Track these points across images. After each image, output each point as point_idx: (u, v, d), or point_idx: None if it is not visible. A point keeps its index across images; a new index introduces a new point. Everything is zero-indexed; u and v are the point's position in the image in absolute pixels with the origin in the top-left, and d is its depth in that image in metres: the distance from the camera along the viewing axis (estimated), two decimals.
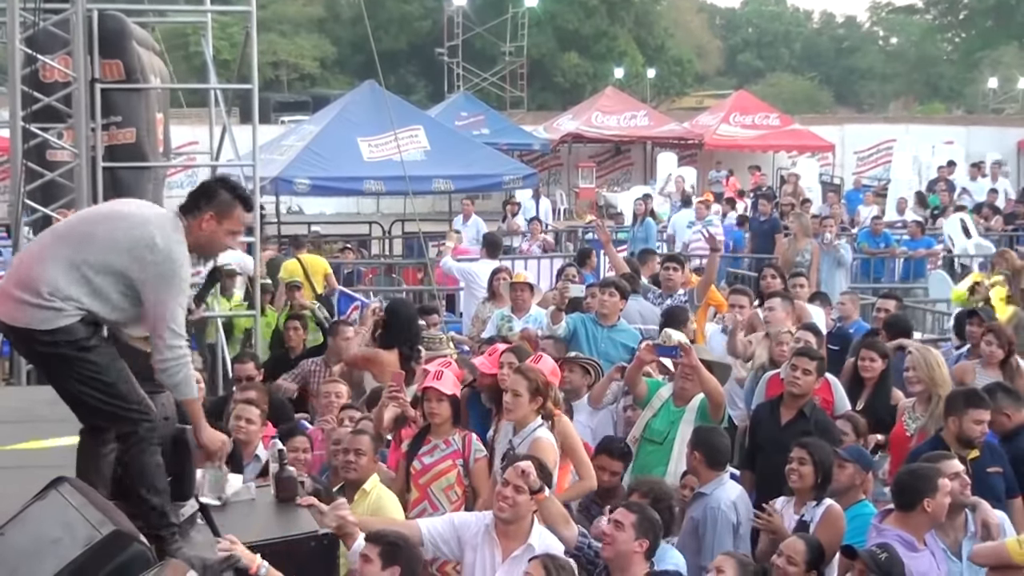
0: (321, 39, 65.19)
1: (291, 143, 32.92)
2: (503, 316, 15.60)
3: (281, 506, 9.06)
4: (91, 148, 15.90)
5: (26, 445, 9.47)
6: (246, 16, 17.51)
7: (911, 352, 11.92)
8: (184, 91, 19.23)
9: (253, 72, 17.46)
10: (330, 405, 12.00)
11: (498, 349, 11.86)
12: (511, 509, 8.61)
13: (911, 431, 11.24)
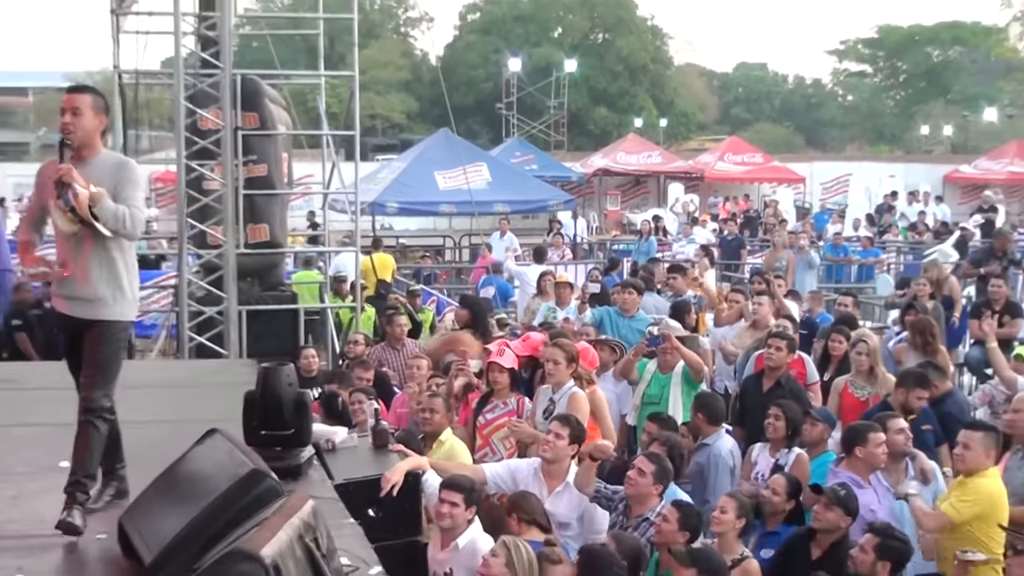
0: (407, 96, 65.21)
1: (384, 176, 33.06)
2: (549, 308, 15.75)
3: (377, 451, 9.20)
4: (235, 180, 15.99)
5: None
6: (350, 79, 17.54)
7: (864, 339, 11.90)
8: (303, 136, 19.20)
9: (355, 121, 17.47)
10: (413, 375, 12.04)
11: (530, 336, 12.01)
12: (553, 451, 8.68)
13: (863, 397, 11.24)
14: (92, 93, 6.85)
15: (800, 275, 21.01)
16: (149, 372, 14.79)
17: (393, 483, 8.17)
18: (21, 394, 11.23)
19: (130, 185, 6.68)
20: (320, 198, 19.29)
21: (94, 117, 6.72)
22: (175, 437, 7.31)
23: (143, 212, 6.76)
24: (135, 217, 6.56)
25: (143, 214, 6.75)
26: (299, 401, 8.35)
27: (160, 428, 8.60)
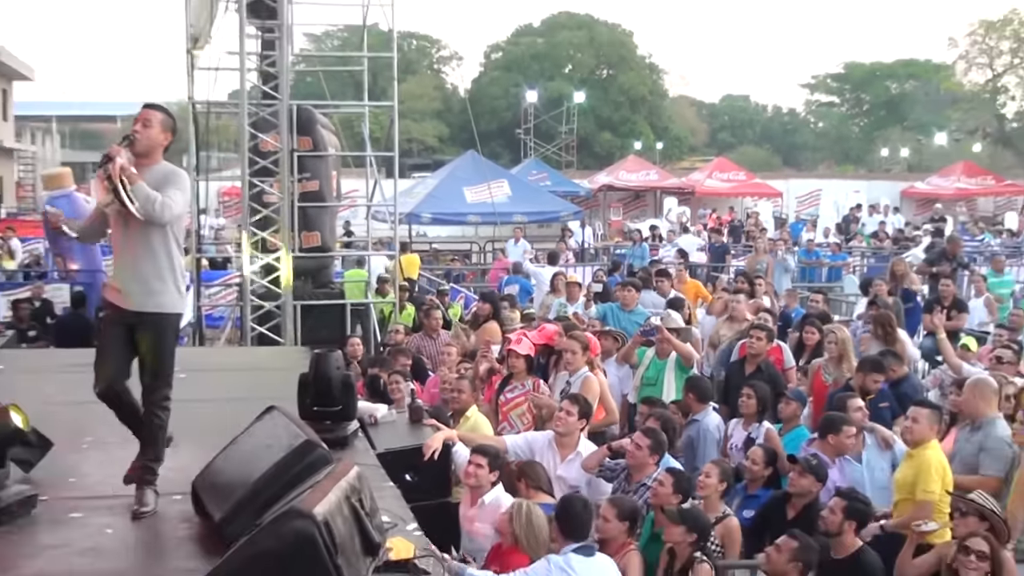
0: (439, 123, 65.29)
1: (418, 190, 33.11)
2: (561, 303, 15.85)
3: (412, 425, 9.25)
4: (291, 194, 16.01)
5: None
6: (390, 108, 17.56)
7: (834, 330, 11.92)
8: (350, 156, 19.20)
9: (394, 144, 17.50)
10: (444, 360, 12.08)
11: (545, 327, 12.16)
12: (565, 426, 8.74)
13: (828, 380, 11.25)
14: (164, 112, 6.77)
15: (778, 276, 21.03)
16: (217, 357, 14.84)
17: (434, 449, 8.40)
18: None
19: (173, 186, 6.52)
20: (363, 210, 19.29)
21: (160, 132, 6.64)
22: (239, 413, 7.32)
23: (177, 207, 6.51)
24: (166, 204, 6.38)
25: (176, 207, 6.51)
26: (346, 382, 8.40)
27: (227, 405, 8.62)
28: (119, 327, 6.66)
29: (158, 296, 6.58)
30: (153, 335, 6.62)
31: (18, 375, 9.58)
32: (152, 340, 6.62)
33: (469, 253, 34.34)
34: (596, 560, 6.77)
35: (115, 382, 6.66)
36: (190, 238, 18.65)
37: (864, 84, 79.03)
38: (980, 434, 8.98)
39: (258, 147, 16.26)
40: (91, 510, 6.74)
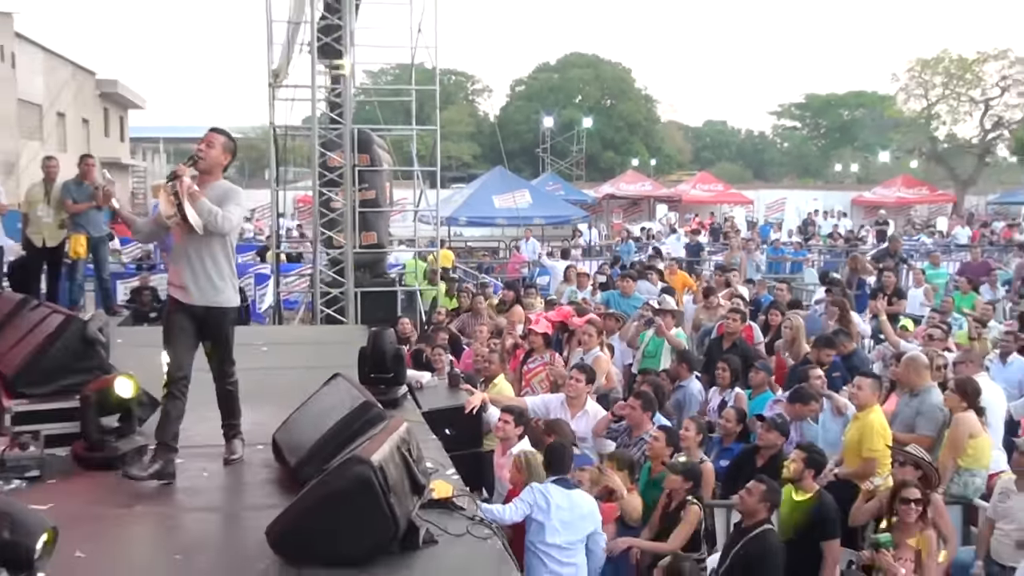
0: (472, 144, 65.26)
1: (456, 198, 33.05)
2: (572, 291, 15.79)
3: (450, 390, 9.27)
4: (352, 201, 16.00)
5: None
6: (433, 131, 17.56)
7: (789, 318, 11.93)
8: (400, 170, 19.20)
9: (437, 160, 17.49)
10: (476, 336, 12.09)
11: (562, 309, 12.51)
12: (575, 390, 8.76)
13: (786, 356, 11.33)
14: (225, 136, 6.54)
15: (750, 268, 21.00)
16: (293, 334, 14.90)
17: (473, 406, 8.58)
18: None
19: (231, 201, 6.29)
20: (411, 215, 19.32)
21: (221, 152, 6.42)
22: (311, 379, 7.35)
23: (234, 219, 6.32)
24: (225, 217, 6.18)
25: (234, 220, 6.31)
26: (397, 354, 8.45)
27: (300, 373, 8.65)
28: (185, 319, 6.44)
29: (220, 294, 6.44)
30: (218, 326, 6.55)
31: (134, 348, 9.61)
32: (217, 330, 6.56)
33: (497, 249, 34.32)
34: (573, 492, 6.86)
35: (186, 366, 6.47)
36: (271, 238, 18.71)
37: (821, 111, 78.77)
38: (917, 400, 9.01)
39: (326, 163, 16.27)
40: (190, 456, 6.77)
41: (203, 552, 5.22)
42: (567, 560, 6.67)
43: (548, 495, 6.72)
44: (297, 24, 16.60)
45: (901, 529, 6.93)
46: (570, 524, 6.67)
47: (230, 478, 6.43)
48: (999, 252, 28.85)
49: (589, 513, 6.82)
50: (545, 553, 6.63)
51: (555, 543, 6.63)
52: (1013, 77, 54.51)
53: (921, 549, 6.84)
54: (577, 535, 6.70)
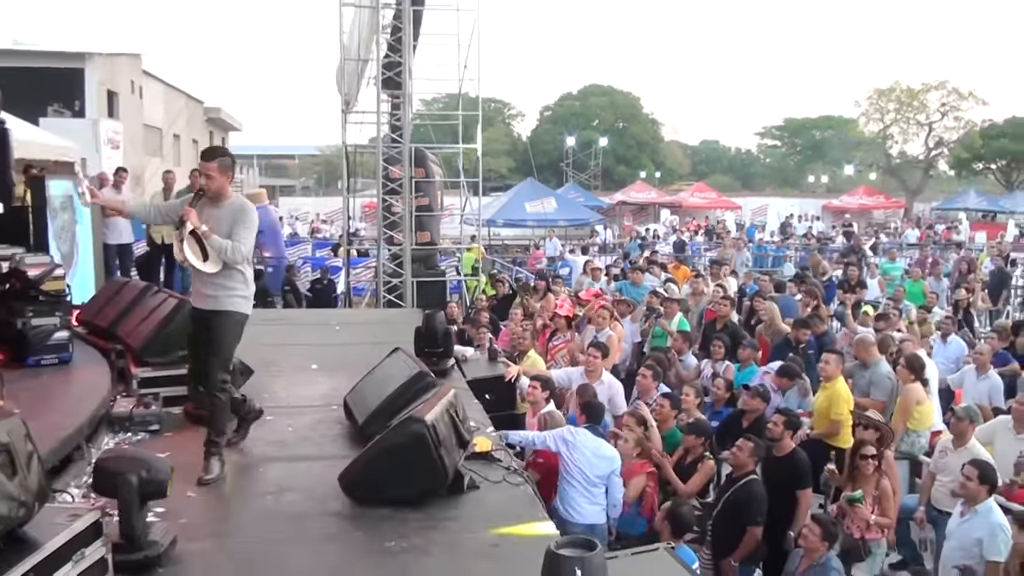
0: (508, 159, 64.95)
1: (494, 204, 32.99)
2: (589, 282, 15.64)
3: (490, 362, 9.23)
4: (410, 206, 16.02)
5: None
6: (476, 149, 17.54)
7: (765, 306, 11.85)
8: (449, 181, 19.19)
9: (479, 173, 17.48)
10: (512, 318, 12.03)
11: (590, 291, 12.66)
12: (592, 363, 8.70)
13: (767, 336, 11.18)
14: (219, 157, 5.65)
15: (738, 263, 20.82)
16: (360, 315, 14.94)
17: (512, 375, 8.54)
18: (289, 326, 11.39)
19: (241, 225, 5.48)
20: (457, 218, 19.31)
21: (221, 176, 5.53)
22: (375, 352, 7.37)
23: (245, 246, 5.46)
24: (236, 249, 5.40)
25: (245, 248, 5.46)
26: (446, 332, 8.45)
27: (367, 347, 8.66)
28: (199, 327, 5.67)
29: (225, 300, 5.53)
30: (218, 332, 5.55)
31: None
32: (217, 336, 5.55)
33: (528, 246, 34.22)
34: (599, 440, 6.88)
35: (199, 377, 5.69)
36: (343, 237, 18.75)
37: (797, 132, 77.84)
38: (868, 372, 9.20)
39: (388, 175, 16.27)
40: (278, 415, 6.82)
41: (289, 493, 5.25)
42: (595, 490, 6.69)
43: (576, 435, 6.77)
44: (366, 61, 16.60)
45: (861, 480, 6.93)
46: (592, 461, 6.67)
47: (311, 433, 6.45)
48: (941, 250, 28.52)
49: (610, 457, 6.80)
50: (577, 482, 6.66)
51: (584, 474, 6.66)
52: (950, 104, 55.02)
53: (880, 495, 6.87)
54: (599, 472, 6.69)
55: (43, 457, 3.86)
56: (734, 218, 44.52)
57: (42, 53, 30.39)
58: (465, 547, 4.56)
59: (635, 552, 4.70)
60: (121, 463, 4.22)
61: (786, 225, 39.66)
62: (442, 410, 5.33)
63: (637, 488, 7.08)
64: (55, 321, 7.52)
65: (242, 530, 4.75)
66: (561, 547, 3.24)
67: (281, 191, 62.60)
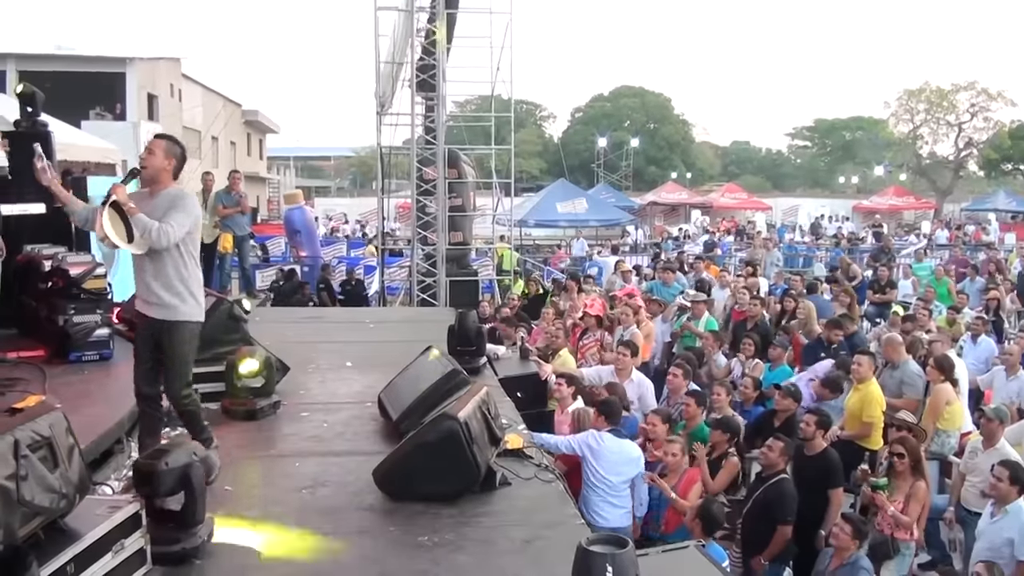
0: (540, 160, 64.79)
1: (526, 205, 32.92)
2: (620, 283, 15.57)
3: (522, 361, 9.22)
4: (444, 207, 16.05)
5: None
6: (508, 150, 17.56)
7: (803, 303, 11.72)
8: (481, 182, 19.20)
9: (511, 174, 17.52)
10: (544, 317, 11.99)
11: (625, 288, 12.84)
12: (622, 363, 8.65)
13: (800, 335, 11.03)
14: (168, 140, 5.26)
15: (769, 263, 20.63)
16: (395, 313, 14.98)
17: (546, 373, 8.54)
18: (323, 324, 11.44)
19: (175, 210, 4.98)
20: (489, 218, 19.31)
21: (164, 158, 5.09)
22: (410, 349, 7.36)
23: (175, 231, 4.92)
24: (162, 230, 4.88)
25: (174, 232, 4.92)
26: (478, 331, 8.41)
27: (401, 345, 8.66)
28: (146, 334, 5.20)
29: (170, 309, 5.06)
30: (169, 343, 5.11)
31: (268, 324, 9.75)
32: (169, 347, 5.12)
33: (560, 245, 34.21)
34: (623, 441, 6.81)
35: (145, 385, 5.25)
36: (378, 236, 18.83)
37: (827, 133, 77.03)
38: (898, 372, 9.14)
39: (422, 176, 16.31)
40: (314, 411, 6.84)
41: (324, 487, 5.26)
42: (617, 495, 6.64)
43: (600, 440, 6.70)
44: (400, 64, 16.66)
45: (896, 477, 6.86)
46: (618, 465, 6.62)
47: (345, 429, 6.46)
48: (970, 251, 28.14)
49: (636, 459, 6.76)
50: (599, 487, 6.61)
51: (607, 480, 6.60)
52: (979, 105, 54.32)
53: (912, 495, 6.76)
54: (624, 476, 6.64)
55: (84, 450, 3.90)
56: (764, 218, 44.27)
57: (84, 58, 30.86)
58: (497, 543, 4.54)
59: (665, 550, 4.67)
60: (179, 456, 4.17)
61: (816, 226, 39.36)
62: (475, 407, 5.32)
63: (696, 498, 6.79)
64: (96, 318, 7.63)
65: (278, 523, 4.76)
66: (592, 544, 3.21)
67: (317, 192, 62.94)
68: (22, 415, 3.54)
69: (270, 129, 51.00)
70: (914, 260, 19.99)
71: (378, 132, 16.79)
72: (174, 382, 5.16)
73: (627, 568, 3.13)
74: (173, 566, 4.09)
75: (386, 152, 17.39)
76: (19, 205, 8.01)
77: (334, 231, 35.48)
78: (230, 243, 13.29)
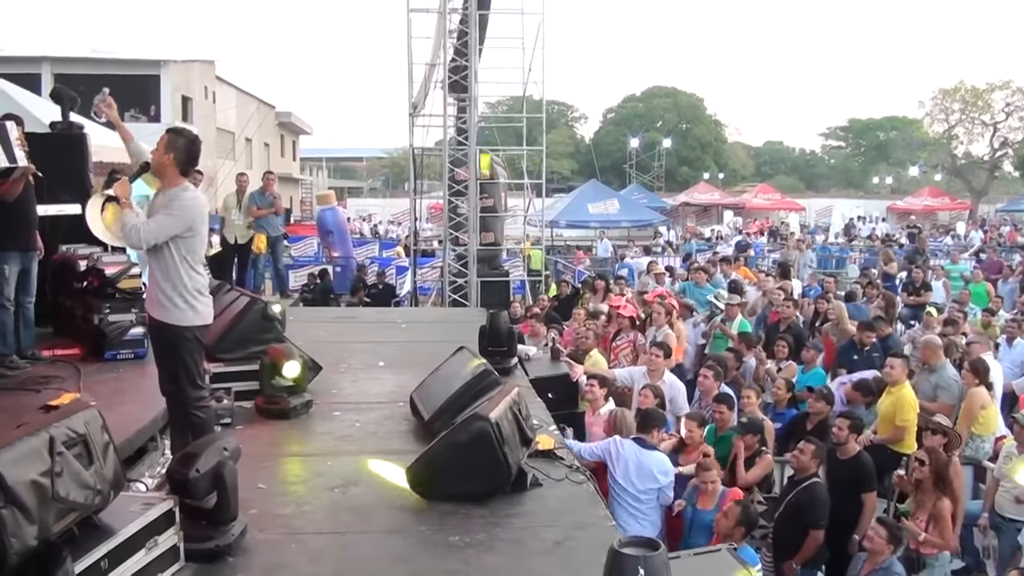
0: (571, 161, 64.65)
1: (558, 206, 32.97)
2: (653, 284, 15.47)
3: (552, 361, 9.16)
4: (475, 208, 16.06)
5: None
6: (540, 151, 17.54)
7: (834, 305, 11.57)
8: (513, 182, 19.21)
9: (543, 175, 17.48)
10: (575, 317, 11.93)
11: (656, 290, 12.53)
12: (654, 364, 8.57)
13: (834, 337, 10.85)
14: (172, 133, 5.10)
15: (803, 264, 20.46)
16: (427, 314, 15.03)
17: (578, 374, 8.36)
18: (356, 324, 11.48)
19: (164, 211, 4.88)
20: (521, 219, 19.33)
21: (164, 152, 4.94)
22: (442, 350, 7.37)
23: (154, 233, 4.84)
24: (138, 229, 4.81)
25: (151, 232, 4.83)
26: (509, 331, 8.39)
27: (433, 345, 8.67)
28: (152, 334, 5.26)
29: (168, 312, 4.96)
30: (170, 346, 5.03)
31: (301, 323, 9.80)
32: (170, 350, 5.05)
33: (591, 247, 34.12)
34: (648, 451, 6.63)
35: (164, 383, 5.16)
36: (410, 237, 18.90)
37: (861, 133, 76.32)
38: (935, 376, 8.98)
39: (454, 177, 16.35)
40: (346, 410, 6.87)
41: (356, 486, 5.27)
42: (640, 506, 6.50)
43: (621, 448, 6.58)
44: (432, 66, 16.70)
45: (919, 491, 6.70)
46: (637, 476, 6.49)
47: (377, 428, 6.47)
48: (1005, 252, 27.75)
49: (660, 472, 6.56)
50: (621, 497, 6.50)
51: (628, 490, 6.48)
52: (1015, 104, 53.68)
53: (935, 515, 6.54)
54: (642, 486, 6.49)
55: (118, 447, 3.93)
56: (798, 219, 43.97)
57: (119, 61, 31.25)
58: (528, 544, 4.52)
59: (697, 553, 4.62)
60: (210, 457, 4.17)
61: (850, 227, 39.01)
62: (506, 408, 5.30)
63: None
64: (131, 318, 7.70)
65: (310, 521, 4.78)
66: (624, 546, 3.18)
67: (349, 192, 63.31)
68: (58, 412, 3.60)
69: (303, 130, 51.35)
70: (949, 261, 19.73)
71: (410, 133, 16.86)
72: (187, 386, 5.06)
73: (659, 571, 3.10)
74: (206, 563, 4.11)
75: (418, 153, 17.45)
76: (55, 206, 8.10)
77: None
78: (264, 243, 13.37)
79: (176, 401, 5.14)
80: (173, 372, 5.06)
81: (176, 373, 5.05)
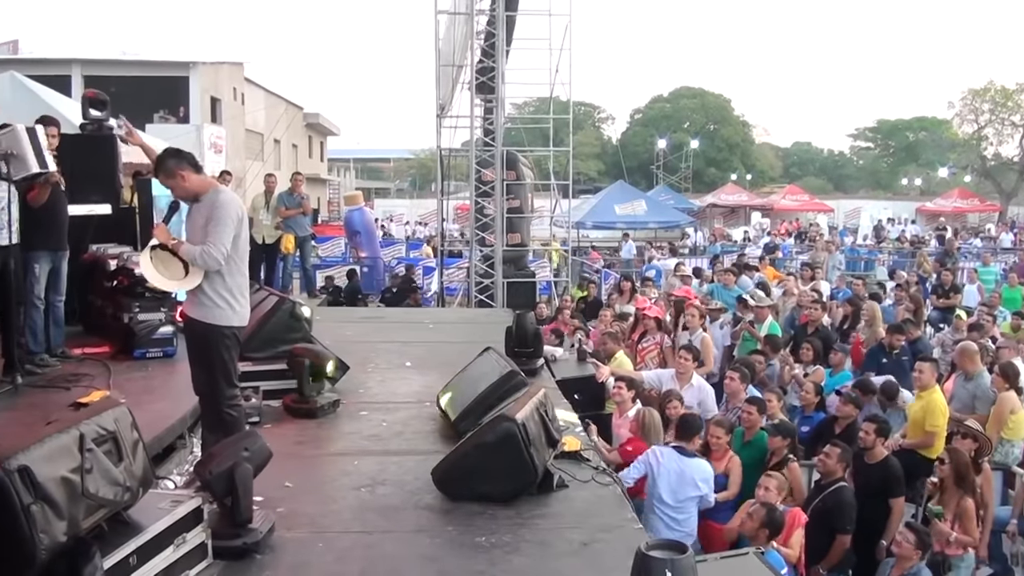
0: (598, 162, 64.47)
1: (584, 207, 32.88)
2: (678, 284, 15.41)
3: (579, 363, 9.15)
4: (501, 208, 16.06)
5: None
6: (566, 152, 17.51)
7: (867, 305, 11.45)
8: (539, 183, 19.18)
9: (569, 176, 17.45)
10: (602, 319, 11.88)
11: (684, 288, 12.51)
12: (684, 368, 8.51)
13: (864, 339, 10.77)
14: (163, 163, 5.12)
15: (830, 266, 20.30)
16: (453, 314, 15.03)
17: (604, 376, 8.34)
18: (383, 324, 11.50)
19: (214, 221, 4.96)
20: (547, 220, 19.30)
21: (180, 179, 5.04)
22: (468, 350, 7.36)
23: (216, 248, 4.94)
24: (206, 252, 4.90)
25: (216, 249, 4.93)
26: (536, 332, 8.37)
27: (459, 345, 8.68)
28: (187, 332, 5.29)
29: (209, 311, 5.05)
30: (206, 345, 5.11)
31: (328, 323, 9.83)
32: (207, 349, 5.11)
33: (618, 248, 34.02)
34: (688, 459, 6.56)
35: (195, 382, 5.23)
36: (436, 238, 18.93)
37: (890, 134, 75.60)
38: (972, 384, 8.85)
39: (481, 178, 16.37)
40: (373, 410, 6.88)
41: (383, 485, 5.27)
42: (678, 516, 6.42)
43: (660, 457, 6.52)
44: (460, 67, 16.72)
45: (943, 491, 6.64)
46: (679, 485, 6.43)
47: (404, 428, 6.47)
48: None
49: (701, 480, 6.48)
50: (658, 508, 6.43)
51: (667, 501, 6.40)
52: None
53: (961, 514, 6.50)
54: (686, 495, 6.43)
55: (147, 445, 3.95)
56: (826, 221, 43.63)
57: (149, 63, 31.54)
58: (554, 546, 4.50)
59: (724, 556, 4.60)
60: (225, 458, 4.22)
61: (879, 228, 38.68)
62: (532, 409, 5.28)
63: (799, 544, 6.08)
64: (160, 316, 7.78)
65: (337, 520, 4.79)
66: (652, 549, 3.16)
67: (376, 193, 63.53)
68: (87, 410, 3.63)
69: (331, 131, 51.58)
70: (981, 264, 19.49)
71: (438, 134, 16.89)
72: (221, 383, 5.11)
73: (686, 574, 3.08)
74: (234, 560, 4.13)
75: (445, 154, 17.48)
76: (85, 206, 8.18)
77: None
78: (292, 243, 13.45)
79: (210, 399, 5.19)
80: (209, 370, 5.10)
81: (212, 370, 5.10)
